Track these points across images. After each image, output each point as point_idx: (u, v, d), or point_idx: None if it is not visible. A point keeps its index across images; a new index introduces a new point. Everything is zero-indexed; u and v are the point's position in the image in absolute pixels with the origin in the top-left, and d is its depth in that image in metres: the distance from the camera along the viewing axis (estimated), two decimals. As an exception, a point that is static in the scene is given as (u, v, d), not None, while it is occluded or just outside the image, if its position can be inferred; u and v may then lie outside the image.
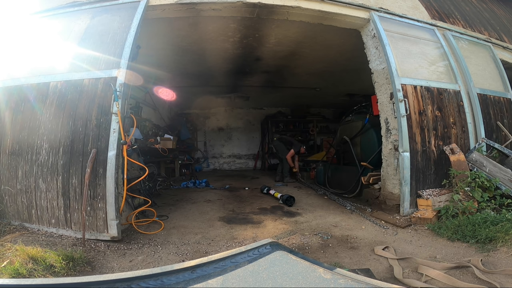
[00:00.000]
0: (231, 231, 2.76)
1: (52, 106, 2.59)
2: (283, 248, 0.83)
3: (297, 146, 6.27)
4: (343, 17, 3.37)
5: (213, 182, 6.07)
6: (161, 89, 6.00)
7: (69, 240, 2.33)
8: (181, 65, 5.35)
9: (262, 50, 4.79)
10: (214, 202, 4.10)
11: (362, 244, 2.36)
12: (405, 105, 3.04)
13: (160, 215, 3.19)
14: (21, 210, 2.55)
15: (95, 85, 2.57)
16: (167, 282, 0.64)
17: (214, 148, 9.71)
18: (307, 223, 2.97)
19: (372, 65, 3.47)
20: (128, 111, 2.74)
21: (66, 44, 2.80)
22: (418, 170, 3.06)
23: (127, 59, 2.59)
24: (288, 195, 3.85)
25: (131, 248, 2.32)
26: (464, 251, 2.13)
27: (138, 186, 3.56)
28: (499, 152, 3.27)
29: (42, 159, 2.53)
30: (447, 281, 1.64)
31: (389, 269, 1.90)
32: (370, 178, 3.61)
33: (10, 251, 1.86)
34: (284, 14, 3.30)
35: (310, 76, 6.23)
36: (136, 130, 3.91)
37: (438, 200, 2.87)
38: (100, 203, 2.39)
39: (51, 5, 3.06)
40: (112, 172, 2.37)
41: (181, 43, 4.37)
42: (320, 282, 0.64)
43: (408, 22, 3.62)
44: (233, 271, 0.69)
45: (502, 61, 4.23)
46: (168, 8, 3.01)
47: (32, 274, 1.66)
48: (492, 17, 5.00)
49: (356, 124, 4.64)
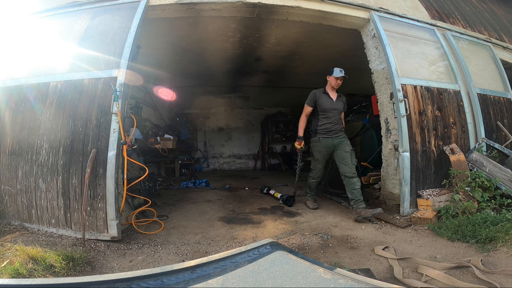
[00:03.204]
0: (231, 231, 2.76)
1: (52, 106, 2.59)
2: (283, 248, 0.83)
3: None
4: (343, 17, 3.37)
5: (213, 182, 6.07)
6: (161, 89, 6.00)
7: (69, 240, 2.33)
8: (181, 65, 5.36)
9: (262, 50, 4.79)
10: (214, 202, 4.10)
11: (362, 244, 2.36)
12: (405, 105, 3.04)
13: (160, 215, 3.19)
14: (21, 210, 2.55)
15: (95, 85, 2.57)
16: (167, 282, 0.64)
17: (214, 148, 9.71)
18: (307, 223, 2.97)
19: (372, 65, 3.47)
20: (128, 111, 2.74)
21: (66, 44, 2.80)
22: (418, 170, 3.06)
23: (127, 59, 2.59)
24: (288, 195, 3.85)
25: (131, 248, 2.32)
26: (464, 251, 2.13)
27: (138, 186, 3.57)
28: (499, 152, 3.27)
29: (42, 159, 2.53)
30: (447, 281, 1.64)
31: (389, 269, 1.90)
32: (370, 178, 3.61)
33: (10, 251, 1.86)
34: (284, 14, 3.30)
35: (310, 76, 6.23)
36: (136, 130, 3.91)
37: (438, 200, 2.87)
38: (100, 203, 2.39)
39: (51, 5, 3.06)
40: (112, 172, 2.37)
41: (181, 43, 4.37)
42: (320, 282, 0.64)
43: (408, 22, 3.62)
44: (233, 271, 0.69)
45: (502, 61, 4.23)
46: (168, 8, 3.01)
47: (32, 274, 1.66)
48: (492, 17, 5.00)
49: (356, 124, 4.65)
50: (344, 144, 3.27)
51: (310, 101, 3.42)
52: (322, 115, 3.35)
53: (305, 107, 3.47)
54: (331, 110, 3.32)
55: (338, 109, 3.36)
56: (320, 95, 3.36)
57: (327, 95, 3.36)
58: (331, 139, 3.29)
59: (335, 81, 3.28)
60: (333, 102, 3.34)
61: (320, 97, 3.36)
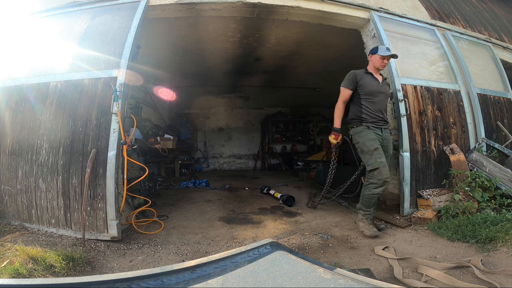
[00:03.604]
0: (231, 231, 2.76)
1: (52, 106, 2.59)
2: (283, 248, 0.83)
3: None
4: (343, 17, 3.37)
5: (213, 182, 6.07)
6: (161, 89, 6.00)
7: (69, 240, 2.33)
8: (181, 65, 5.36)
9: (262, 50, 4.79)
10: (214, 202, 4.10)
11: (362, 244, 2.36)
12: (405, 105, 3.04)
13: (160, 215, 3.19)
14: (21, 210, 2.55)
15: (95, 85, 2.57)
16: (167, 282, 0.64)
17: (214, 148, 9.71)
18: (307, 223, 2.97)
19: (372, 65, 3.47)
20: (128, 111, 2.74)
21: (66, 44, 2.80)
22: (418, 170, 3.06)
23: (127, 59, 2.59)
24: (288, 195, 3.85)
25: (131, 248, 2.32)
26: (464, 251, 2.12)
27: (138, 186, 3.56)
28: (499, 152, 3.27)
29: (42, 159, 2.53)
30: (447, 281, 1.64)
31: (389, 269, 1.89)
32: (370, 178, 3.59)
33: (10, 251, 1.86)
34: (284, 14, 3.30)
35: (310, 76, 6.24)
36: (136, 130, 3.91)
37: (438, 200, 2.87)
38: (100, 203, 2.39)
39: (51, 5, 3.06)
40: (112, 172, 2.37)
41: (181, 43, 4.37)
42: (320, 282, 0.64)
43: (408, 22, 3.62)
44: (233, 271, 0.69)
45: (502, 61, 4.23)
46: (168, 8, 3.01)
47: (32, 274, 1.66)
48: (492, 17, 5.00)
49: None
50: (390, 145, 2.74)
51: (349, 82, 2.71)
52: (367, 99, 2.66)
53: (343, 90, 2.76)
54: (377, 93, 2.67)
55: (385, 93, 2.74)
56: (362, 76, 2.71)
57: (371, 76, 2.72)
58: (380, 130, 2.64)
59: (380, 61, 2.66)
60: (379, 84, 2.71)
61: (362, 78, 2.69)
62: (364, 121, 2.64)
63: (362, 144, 2.60)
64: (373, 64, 2.73)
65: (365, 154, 2.59)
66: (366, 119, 2.63)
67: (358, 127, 2.67)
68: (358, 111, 2.69)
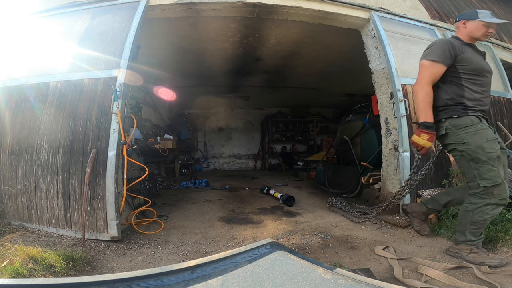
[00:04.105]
0: (231, 231, 2.76)
1: (52, 106, 2.59)
2: (283, 248, 0.83)
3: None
4: (343, 17, 3.37)
5: (213, 182, 6.07)
6: (161, 89, 6.00)
7: (69, 240, 2.33)
8: (181, 65, 5.36)
9: (262, 50, 4.79)
10: (214, 202, 4.10)
11: (362, 244, 2.36)
12: (405, 105, 3.04)
13: (160, 215, 3.19)
14: (21, 210, 2.55)
15: (95, 85, 2.57)
16: (167, 282, 0.64)
17: (214, 148, 9.72)
18: (307, 223, 2.97)
19: (372, 65, 3.47)
20: (128, 111, 2.74)
21: (66, 44, 2.80)
22: (418, 170, 3.05)
23: (127, 59, 2.59)
24: (288, 195, 3.85)
25: (131, 248, 2.32)
26: (464, 251, 2.12)
27: (138, 186, 3.57)
28: (499, 152, 3.26)
29: (42, 159, 2.53)
30: (447, 281, 1.64)
31: (389, 269, 1.89)
32: (370, 178, 3.61)
33: (10, 251, 1.86)
34: (284, 14, 3.30)
35: (310, 76, 6.24)
36: (136, 130, 3.91)
37: (438, 200, 2.87)
38: (100, 203, 2.39)
39: (51, 5, 3.06)
40: (112, 172, 2.37)
41: (181, 43, 4.37)
42: (320, 282, 0.64)
43: (408, 22, 3.62)
44: (233, 271, 0.69)
45: (502, 61, 4.23)
46: (168, 8, 3.01)
47: (32, 274, 1.66)
48: (492, 17, 5.00)
49: (356, 124, 4.64)
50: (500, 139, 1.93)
51: (445, 55, 1.86)
52: (471, 80, 1.86)
53: (431, 66, 1.89)
54: (486, 72, 1.91)
55: (492, 73, 1.97)
56: (462, 48, 1.89)
57: (472, 49, 1.96)
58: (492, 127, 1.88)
59: (484, 29, 1.91)
60: (485, 60, 1.99)
61: (465, 51, 1.88)
62: (470, 109, 1.81)
63: (476, 147, 1.75)
64: (470, 34, 1.94)
65: (481, 163, 1.75)
66: (473, 107, 1.82)
67: (463, 118, 1.80)
68: (459, 94, 1.85)
